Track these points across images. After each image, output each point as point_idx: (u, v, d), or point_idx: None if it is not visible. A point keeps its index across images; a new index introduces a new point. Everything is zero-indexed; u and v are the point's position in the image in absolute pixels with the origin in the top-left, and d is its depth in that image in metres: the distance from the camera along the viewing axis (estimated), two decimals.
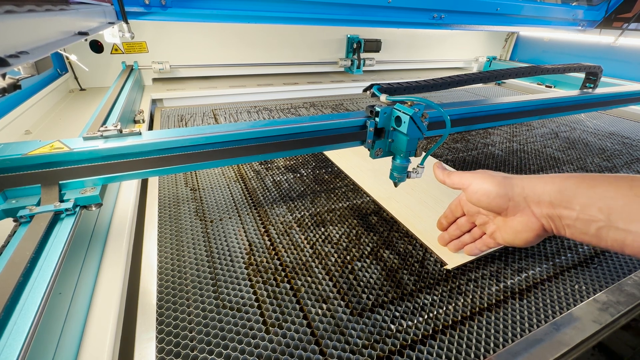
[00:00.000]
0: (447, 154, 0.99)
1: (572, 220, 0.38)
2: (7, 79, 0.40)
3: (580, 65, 0.89)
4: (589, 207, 0.37)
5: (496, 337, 0.43)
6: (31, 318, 0.29)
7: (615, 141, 1.16)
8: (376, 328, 0.44)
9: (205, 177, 0.80)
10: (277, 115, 1.30)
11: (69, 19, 0.58)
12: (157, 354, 0.39)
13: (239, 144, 0.53)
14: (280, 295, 0.48)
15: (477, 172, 0.48)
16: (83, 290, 0.43)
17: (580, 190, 0.38)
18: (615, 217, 0.35)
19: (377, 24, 1.39)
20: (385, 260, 0.56)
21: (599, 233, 0.36)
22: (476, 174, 0.47)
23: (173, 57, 1.53)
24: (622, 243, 0.35)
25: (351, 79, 1.78)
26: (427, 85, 0.63)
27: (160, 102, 1.41)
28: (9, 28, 0.36)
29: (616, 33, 1.68)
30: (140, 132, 0.50)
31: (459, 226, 0.55)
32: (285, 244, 0.59)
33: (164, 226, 0.62)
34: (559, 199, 0.39)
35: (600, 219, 0.36)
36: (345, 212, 0.68)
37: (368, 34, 1.83)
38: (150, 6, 1.03)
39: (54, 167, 0.44)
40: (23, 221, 0.41)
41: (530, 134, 1.20)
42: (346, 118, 0.58)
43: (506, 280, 0.53)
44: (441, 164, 0.53)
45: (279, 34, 1.67)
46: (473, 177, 0.47)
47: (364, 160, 0.89)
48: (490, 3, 1.47)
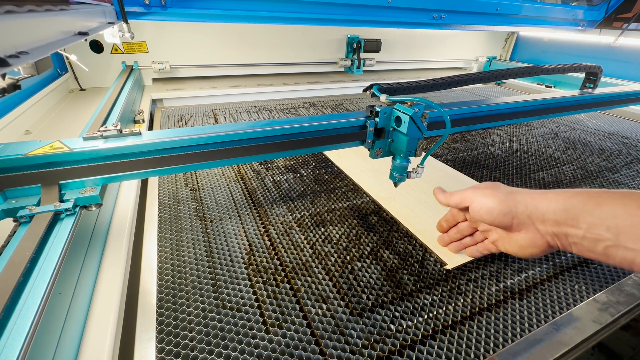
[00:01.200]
0: (447, 154, 0.99)
1: (579, 238, 0.38)
2: (7, 79, 0.40)
3: (580, 65, 0.89)
4: (596, 226, 0.36)
5: (496, 337, 0.43)
6: (31, 318, 0.29)
7: (615, 141, 1.16)
8: (376, 328, 0.44)
9: (205, 177, 0.80)
10: (277, 115, 1.30)
11: (69, 19, 0.58)
12: (157, 354, 0.39)
13: (239, 144, 0.53)
14: (280, 295, 0.48)
15: (478, 187, 0.47)
16: (83, 290, 0.43)
17: (587, 208, 0.37)
18: (624, 237, 0.34)
19: (377, 24, 1.39)
20: (385, 260, 0.56)
21: (607, 251, 0.36)
22: (477, 190, 0.46)
23: (173, 57, 1.53)
24: (632, 262, 0.34)
25: (351, 79, 1.78)
26: (427, 85, 0.63)
27: (160, 102, 1.41)
28: (9, 28, 0.36)
29: (616, 33, 1.68)
30: (140, 132, 0.50)
31: (460, 230, 0.54)
32: (285, 244, 0.59)
33: (164, 226, 0.62)
34: (565, 217, 0.38)
35: (608, 238, 0.35)
36: (345, 212, 0.68)
37: (368, 34, 1.83)
38: (150, 6, 1.03)
39: (54, 167, 0.44)
40: (23, 221, 0.41)
41: (530, 134, 1.20)
42: (346, 118, 0.58)
43: (506, 280, 0.53)
44: (440, 188, 0.53)
45: (279, 34, 1.67)
46: (475, 193, 0.46)
47: (364, 160, 0.89)
48: (490, 3, 1.47)
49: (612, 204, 0.35)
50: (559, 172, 0.91)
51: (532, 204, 0.41)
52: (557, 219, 0.39)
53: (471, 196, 0.46)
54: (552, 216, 0.39)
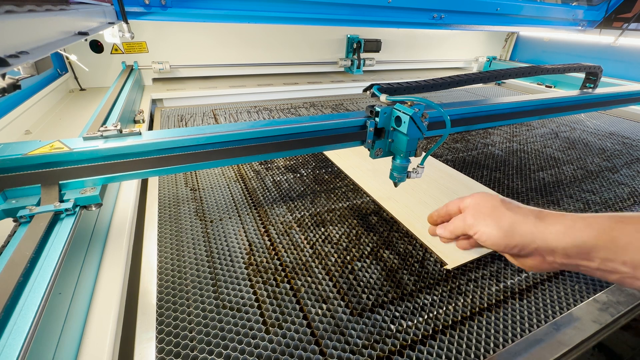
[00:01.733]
0: (447, 154, 0.99)
1: (592, 270, 0.36)
2: (7, 79, 0.40)
3: (580, 65, 0.89)
4: (611, 261, 0.34)
5: (496, 337, 0.43)
6: (31, 318, 0.29)
7: (615, 141, 1.16)
8: (376, 328, 0.44)
9: (205, 177, 0.80)
10: (277, 115, 1.30)
11: (69, 19, 0.58)
12: (157, 354, 0.39)
13: (239, 144, 0.53)
14: (280, 295, 0.48)
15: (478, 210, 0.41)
16: (83, 290, 0.43)
17: (600, 244, 0.34)
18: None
19: (377, 24, 1.40)
20: (385, 260, 0.56)
21: (623, 281, 0.35)
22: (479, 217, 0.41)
23: (173, 57, 1.53)
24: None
25: (351, 79, 1.78)
26: (427, 85, 0.63)
27: (160, 102, 1.41)
28: (9, 28, 0.36)
29: (616, 33, 1.68)
30: (140, 132, 0.50)
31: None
32: (285, 244, 0.59)
33: (164, 226, 0.62)
34: (576, 252, 0.36)
35: (624, 271, 0.34)
36: (345, 212, 0.68)
37: (368, 34, 1.83)
38: (150, 6, 1.03)
39: (54, 167, 0.44)
40: (23, 221, 0.41)
41: (530, 134, 1.20)
42: (346, 118, 0.58)
43: (506, 280, 0.53)
44: (435, 228, 0.48)
45: (279, 34, 1.67)
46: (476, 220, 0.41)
47: (364, 160, 0.89)
48: (490, 3, 1.47)
49: (627, 237, 0.33)
50: (559, 172, 0.91)
51: (539, 238, 0.38)
52: (567, 254, 0.36)
53: (473, 226, 0.42)
54: (561, 250, 0.37)
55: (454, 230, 0.44)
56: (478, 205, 0.42)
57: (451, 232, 0.45)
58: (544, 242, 0.37)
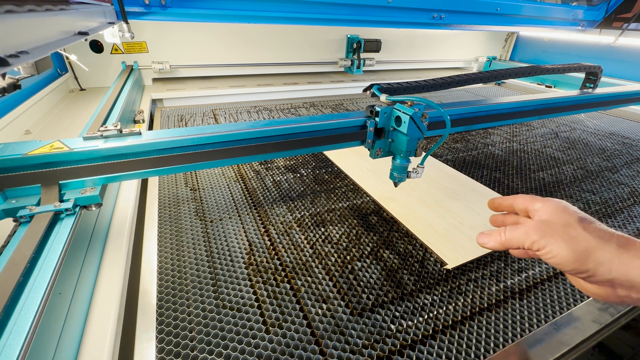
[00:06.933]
0: (447, 154, 0.99)
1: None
2: (7, 79, 0.40)
3: (580, 65, 0.89)
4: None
5: (496, 337, 0.43)
6: (31, 318, 0.29)
7: (615, 141, 1.16)
8: (376, 328, 0.44)
9: (205, 177, 0.80)
10: (277, 115, 1.30)
11: (69, 19, 0.58)
12: (157, 354, 0.39)
13: (239, 144, 0.53)
14: (280, 295, 0.48)
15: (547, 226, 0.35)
16: (83, 290, 0.42)
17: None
18: None
19: (377, 24, 1.39)
20: (385, 260, 0.56)
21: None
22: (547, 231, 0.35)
23: (173, 57, 1.53)
24: None
25: (351, 79, 1.78)
26: (427, 85, 0.63)
27: (160, 102, 1.41)
28: (9, 28, 0.36)
29: (616, 33, 1.68)
30: (140, 132, 0.50)
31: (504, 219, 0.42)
32: (285, 244, 0.59)
33: (164, 226, 0.62)
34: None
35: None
36: (345, 212, 0.68)
37: (368, 34, 1.83)
38: (150, 6, 1.03)
39: (54, 167, 0.44)
40: (23, 221, 0.41)
41: (530, 134, 1.20)
42: (346, 118, 0.58)
43: (506, 280, 0.53)
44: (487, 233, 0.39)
45: (279, 34, 1.67)
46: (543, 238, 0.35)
47: (364, 160, 0.89)
48: (490, 3, 1.47)
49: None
50: (559, 172, 0.91)
51: (619, 270, 0.32)
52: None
53: (539, 243, 0.35)
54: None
55: (509, 242, 0.37)
56: (548, 222, 0.36)
57: (502, 244, 0.37)
58: (624, 275, 0.32)
